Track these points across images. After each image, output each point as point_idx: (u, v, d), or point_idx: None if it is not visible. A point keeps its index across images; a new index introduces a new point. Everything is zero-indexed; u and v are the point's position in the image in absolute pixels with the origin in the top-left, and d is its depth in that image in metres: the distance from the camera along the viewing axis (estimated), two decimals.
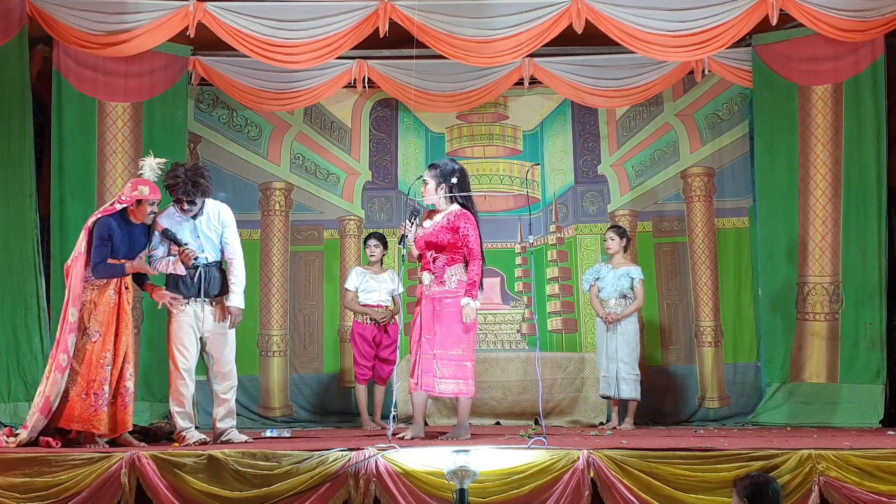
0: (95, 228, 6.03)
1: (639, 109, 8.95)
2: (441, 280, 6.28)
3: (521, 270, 8.94)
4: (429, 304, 6.27)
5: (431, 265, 6.30)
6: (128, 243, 6.10)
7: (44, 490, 5.18)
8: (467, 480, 4.69)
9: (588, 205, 8.99)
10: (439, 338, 6.21)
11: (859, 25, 7.44)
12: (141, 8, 7.57)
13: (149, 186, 6.06)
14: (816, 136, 8.07)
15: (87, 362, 5.93)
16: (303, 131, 8.98)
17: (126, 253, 6.09)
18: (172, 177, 6.16)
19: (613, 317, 7.69)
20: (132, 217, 6.12)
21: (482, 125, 9.13)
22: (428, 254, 6.30)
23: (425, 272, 6.34)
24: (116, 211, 6.07)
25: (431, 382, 6.18)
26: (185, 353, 6.23)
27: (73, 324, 5.93)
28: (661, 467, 5.15)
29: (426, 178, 6.40)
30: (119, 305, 6.07)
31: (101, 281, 6.03)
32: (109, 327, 6.01)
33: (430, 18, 7.57)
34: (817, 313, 7.99)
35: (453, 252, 6.29)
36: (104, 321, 6.00)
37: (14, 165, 7.42)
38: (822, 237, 8.00)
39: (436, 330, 6.21)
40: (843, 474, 5.10)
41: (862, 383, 7.70)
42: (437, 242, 6.27)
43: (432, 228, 6.32)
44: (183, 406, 6.23)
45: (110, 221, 6.03)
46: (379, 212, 8.98)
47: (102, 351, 5.97)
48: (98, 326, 5.99)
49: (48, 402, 5.88)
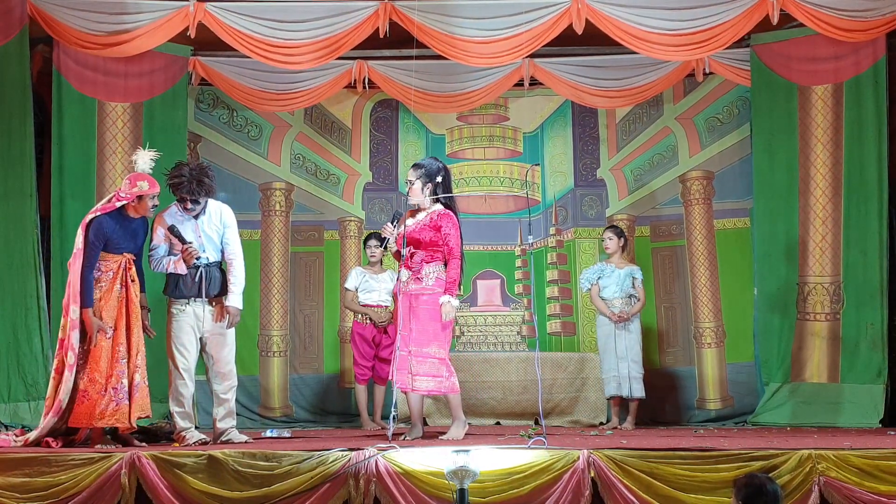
0: (91, 228, 6.01)
1: (638, 112, 8.95)
2: (418, 277, 6.28)
3: (521, 273, 8.94)
4: (405, 300, 6.28)
5: (409, 261, 6.30)
6: (128, 237, 6.10)
7: (44, 490, 5.17)
8: (467, 480, 4.69)
9: (587, 208, 8.99)
10: (415, 335, 6.20)
11: (860, 25, 7.43)
12: (141, 8, 7.57)
13: (147, 181, 6.05)
14: (816, 136, 8.06)
15: (103, 358, 5.93)
16: (303, 132, 8.99)
17: (127, 247, 6.10)
18: (177, 175, 6.16)
19: (625, 314, 7.70)
20: (131, 212, 6.11)
21: (482, 126, 9.14)
22: (406, 249, 6.27)
23: (403, 269, 6.34)
24: (115, 208, 6.06)
25: (406, 380, 6.18)
26: (185, 353, 6.23)
27: (75, 321, 5.92)
28: (662, 467, 5.14)
29: (411, 178, 6.41)
30: (127, 298, 6.07)
31: (106, 278, 6.03)
32: (120, 321, 6.02)
33: (430, 19, 7.57)
34: (818, 313, 7.98)
35: (433, 250, 6.30)
36: (114, 315, 6.01)
37: (14, 165, 7.41)
38: (823, 237, 7.99)
39: (411, 327, 6.21)
40: (843, 474, 5.09)
41: (863, 383, 7.69)
42: (418, 239, 6.28)
43: (415, 226, 6.33)
44: (183, 406, 6.23)
45: (104, 221, 6.01)
46: (379, 213, 8.98)
47: (116, 345, 5.98)
48: (110, 321, 5.99)
49: (59, 403, 5.87)
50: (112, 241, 6.03)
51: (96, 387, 5.90)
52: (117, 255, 6.07)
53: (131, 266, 6.13)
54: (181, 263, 6.19)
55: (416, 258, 6.30)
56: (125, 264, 6.10)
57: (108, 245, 6.03)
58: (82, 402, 5.89)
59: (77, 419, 5.91)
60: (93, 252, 5.98)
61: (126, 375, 5.98)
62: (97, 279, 6.02)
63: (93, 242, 5.97)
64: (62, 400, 5.86)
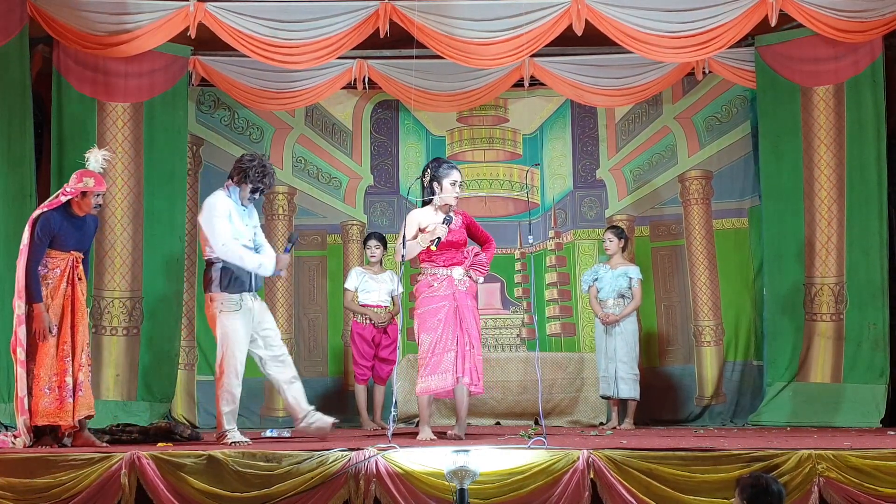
0: (38, 224, 5.97)
1: (638, 112, 8.96)
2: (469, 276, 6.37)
3: (521, 276, 8.94)
4: (463, 299, 6.30)
5: (464, 260, 6.36)
6: (76, 235, 6.06)
7: (44, 490, 5.15)
8: (467, 481, 4.68)
9: (587, 210, 9.00)
10: (476, 333, 6.30)
11: (859, 26, 7.44)
12: (141, 8, 7.57)
13: (94, 178, 5.99)
14: (819, 138, 8.07)
15: (49, 355, 5.91)
16: (304, 134, 8.99)
17: (75, 245, 6.06)
18: (260, 165, 6.19)
19: (612, 318, 7.70)
20: (76, 209, 6.05)
21: (482, 128, 9.14)
22: (467, 249, 6.37)
23: (458, 268, 6.34)
24: (61, 204, 6.02)
25: (475, 379, 6.26)
26: (241, 354, 6.21)
27: (21, 316, 5.91)
28: (662, 468, 5.14)
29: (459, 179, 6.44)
30: (73, 297, 6.02)
31: (53, 275, 5.99)
32: (65, 319, 5.98)
33: (430, 20, 7.57)
34: (824, 314, 7.99)
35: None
36: (59, 313, 5.97)
37: (14, 165, 7.40)
38: (828, 238, 8.00)
39: (466, 327, 6.27)
40: (842, 475, 5.09)
41: (865, 383, 7.70)
42: (463, 240, 6.38)
43: (453, 227, 6.36)
44: (232, 404, 6.21)
45: (51, 217, 5.97)
46: (381, 216, 8.99)
47: (62, 343, 5.95)
48: (55, 319, 5.95)
49: (22, 401, 5.88)
50: (59, 238, 5.98)
51: (40, 384, 5.89)
52: (64, 253, 6.03)
53: (78, 264, 6.09)
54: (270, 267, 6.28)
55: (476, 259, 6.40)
56: (72, 262, 6.05)
57: (55, 242, 5.99)
58: (38, 400, 5.88)
59: (40, 417, 5.89)
60: (38, 248, 5.93)
61: (70, 374, 5.93)
62: (44, 276, 5.97)
63: (39, 238, 5.93)
64: (23, 398, 5.86)
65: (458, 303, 6.25)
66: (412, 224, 6.36)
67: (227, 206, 6.24)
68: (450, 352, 6.18)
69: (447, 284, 6.28)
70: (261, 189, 6.27)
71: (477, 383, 6.21)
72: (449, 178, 6.38)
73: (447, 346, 6.19)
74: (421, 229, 6.33)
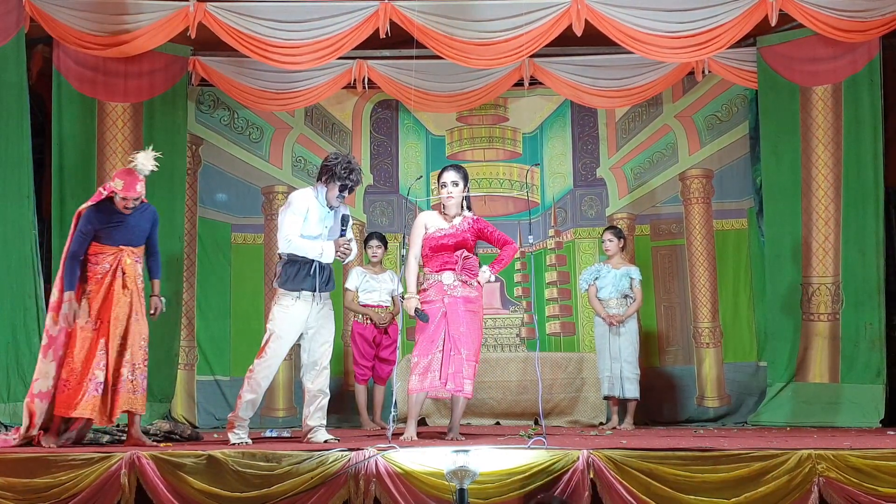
0: (81, 218, 6.01)
1: (638, 111, 8.97)
2: (466, 281, 6.30)
3: (521, 275, 8.94)
4: (455, 304, 6.26)
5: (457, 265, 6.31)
6: (122, 230, 6.04)
7: (44, 490, 5.15)
8: (467, 480, 4.68)
9: (587, 209, 9.00)
10: (471, 339, 6.25)
11: (858, 26, 7.45)
12: (141, 9, 7.59)
13: (123, 182, 5.96)
14: (818, 137, 8.08)
15: (81, 349, 5.90)
16: (304, 133, 8.99)
17: (123, 239, 6.05)
18: (345, 162, 6.12)
19: (618, 318, 7.70)
20: (117, 205, 6.04)
21: (482, 127, 9.14)
22: (456, 253, 6.30)
23: (448, 272, 6.32)
24: (103, 199, 6.03)
25: (462, 383, 6.20)
26: (281, 349, 6.17)
27: (52, 304, 5.95)
28: (662, 468, 5.13)
29: (455, 180, 6.37)
30: (113, 289, 5.99)
31: (100, 269, 6.00)
32: (104, 313, 5.97)
33: (430, 20, 7.58)
34: (821, 314, 8.00)
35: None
36: (97, 307, 5.97)
37: (12, 167, 7.41)
38: (825, 238, 8.00)
39: (462, 330, 6.23)
40: (842, 475, 5.08)
41: (862, 383, 7.70)
42: (466, 243, 6.32)
43: (454, 230, 6.33)
44: (255, 394, 6.15)
45: (92, 211, 5.99)
46: (381, 216, 8.99)
47: (99, 337, 5.93)
48: (94, 313, 5.96)
49: (33, 386, 5.93)
50: (103, 233, 6.00)
51: (75, 376, 5.89)
52: (113, 247, 6.03)
53: (131, 258, 6.07)
54: (330, 252, 6.14)
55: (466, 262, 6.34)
56: (122, 257, 6.04)
57: (100, 236, 6.01)
58: (63, 391, 5.90)
59: (58, 408, 5.91)
60: (77, 241, 5.97)
61: (103, 367, 5.90)
62: (93, 272, 5.99)
63: (80, 230, 5.97)
64: (35, 382, 5.90)
65: (448, 308, 6.25)
66: (418, 226, 6.39)
67: (306, 203, 6.16)
68: (434, 354, 6.19)
69: (437, 289, 6.29)
70: (349, 186, 6.15)
71: (461, 388, 6.19)
72: (440, 180, 6.42)
73: (432, 348, 6.21)
74: (427, 231, 6.36)
